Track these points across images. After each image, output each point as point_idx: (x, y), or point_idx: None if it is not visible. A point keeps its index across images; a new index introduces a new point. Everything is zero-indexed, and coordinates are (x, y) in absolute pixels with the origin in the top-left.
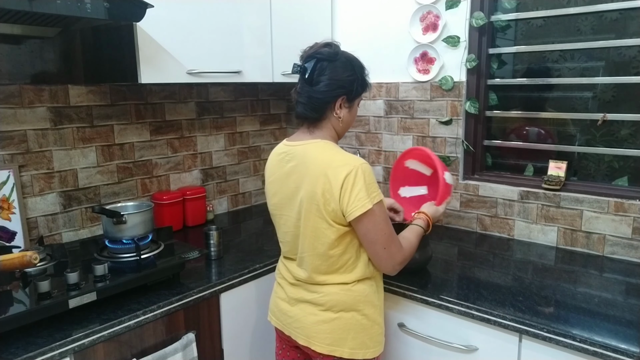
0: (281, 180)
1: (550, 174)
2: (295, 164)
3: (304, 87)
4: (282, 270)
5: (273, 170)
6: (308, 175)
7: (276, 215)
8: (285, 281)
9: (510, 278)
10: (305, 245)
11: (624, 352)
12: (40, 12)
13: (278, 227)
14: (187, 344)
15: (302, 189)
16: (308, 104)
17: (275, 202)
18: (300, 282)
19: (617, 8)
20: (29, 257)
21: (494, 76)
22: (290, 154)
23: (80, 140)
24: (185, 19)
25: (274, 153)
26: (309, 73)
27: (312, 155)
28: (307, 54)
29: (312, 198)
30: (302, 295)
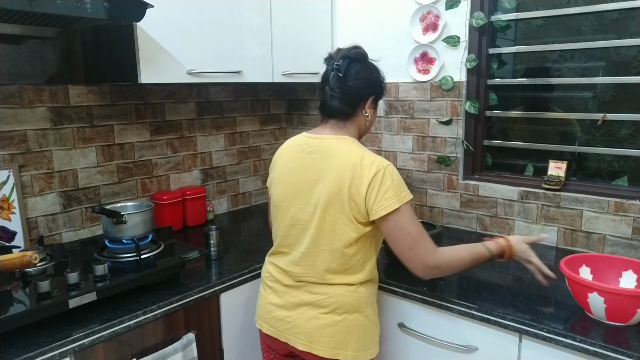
0: (298, 170)
1: (550, 174)
2: (318, 157)
3: (338, 83)
4: (272, 272)
5: (289, 160)
6: (333, 169)
7: (282, 207)
8: (278, 284)
9: (510, 278)
10: (320, 240)
11: (623, 352)
12: (40, 12)
13: (281, 218)
14: (187, 344)
15: (323, 182)
16: (344, 98)
17: (285, 192)
18: (299, 284)
19: (617, 8)
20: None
21: (494, 76)
22: (313, 145)
23: (80, 140)
24: (185, 19)
25: (292, 143)
26: (345, 70)
27: (339, 150)
28: (340, 54)
29: (336, 193)
30: (302, 298)
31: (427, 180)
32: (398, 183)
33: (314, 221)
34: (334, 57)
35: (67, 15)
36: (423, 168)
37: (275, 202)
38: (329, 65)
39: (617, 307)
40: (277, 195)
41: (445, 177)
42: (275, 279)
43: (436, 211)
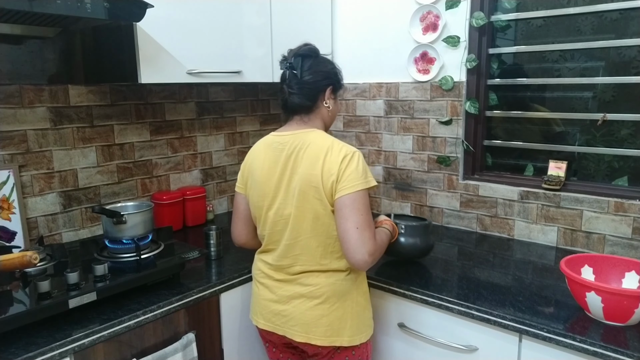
0: (275, 168)
1: (550, 174)
2: (292, 151)
3: (295, 80)
4: (263, 269)
5: (263, 161)
6: (306, 159)
7: (263, 207)
8: (270, 280)
9: (510, 278)
10: (303, 228)
11: (623, 352)
12: (40, 12)
13: (265, 219)
14: (187, 344)
15: (298, 173)
16: (301, 93)
17: (264, 192)
18: (291, 277)
19: (617, 8)
20: (29, 257)
21: (494, 76)
22: (284, 142)
23: (80, 140)
24: (185, 19)
25: (262, 144)
26: (300, 66)
27: (311, 140)
28: (292, 53)
29: (310, 180)
30: (295, 290)
31: (427, 180)
32: (364, 168)
33: (292, 213)
34: (288, 57)
35: (67, 15)
36: (423, 168)
37: (256, 203)
38: (283, 65)
39: (615, 307)
40: (257, 197)
41: (445, 177)
42: (266, 274)
43: (436, 211)
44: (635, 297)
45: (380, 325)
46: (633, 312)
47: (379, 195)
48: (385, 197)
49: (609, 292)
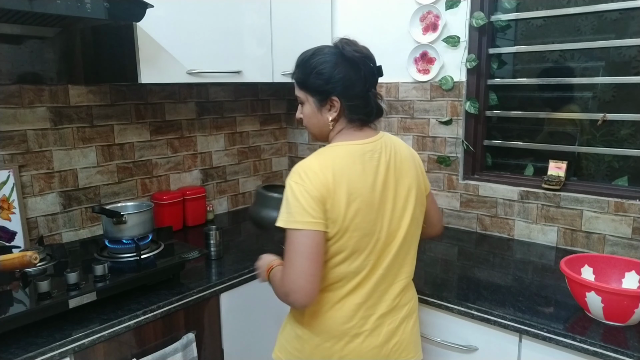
0: (376, 183)
1: (550, 174)
2: (388, 158)
3: (375, 84)
4: (358, 314)
5: (364, 177)
6: (405, 162)
7: (374, 233)
8: (371, 321)
9: (510, 278)
10: (414, 238)
11: (623, 352)
12: (40, 12)
13: (374, 247)
14: (187, 344)
15: (404, 178)
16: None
17: (378, 213)
18: (393, 303)
19: (617, 8)
20: (29, 257)
21: (494, 76)
22: (377, 150)
23: (80, 140)
24: (185, 19)
25: (349, 155)
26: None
27: (396, 142)
28: (369, 53)
29: (418, 183)
30: (399, 315)
31: None
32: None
33: (400, 226)
34: (372, 58)
35: (67, 15)
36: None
37: (366, 230)
38: (373, 66)
39: (615, 307)
40: (368, 223)
41: (445, 177)
42: (369, 317)
43: None
44: (635, 297)
45: None
46: (633, 312)
47: None
48: None
49: (609, 292)
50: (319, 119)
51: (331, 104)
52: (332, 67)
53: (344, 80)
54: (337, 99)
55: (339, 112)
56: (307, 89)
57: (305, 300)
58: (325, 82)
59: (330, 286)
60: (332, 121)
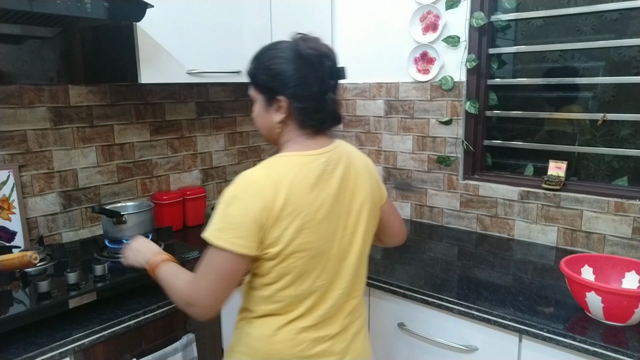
0: (328, 198)
1: (550, 174)
2: (342, 170)
3: (336, 87)
4: (310, 336)
5: (308, 194)
6: (360, 175)
7: (318, 254)
8: (323, 343)
9: (510, 278)
10: (365, 253)
11: (623, 352)
12: (40, 12)
13: (324, 267)
14: (187, 344)
15: (358, 192)
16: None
17: (322, 235)
18: (347, 320)
19: (617, 8)
20: (29, 257)
21: (494, 76)
22: (332, 161)
23: (80, 140)
24: (185, 19)
25: (298, 167)
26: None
27: (351, 152)
28: (331, 50)
29: (373, 195)
30: (351, 331)
31: (427, 180)
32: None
33: (361, 237)
34: (333, 56)
35: (67, 15)
36: (423, 168)
37: (318, 249)
38: (332, 66)
39: (615, 307)
40: (319, 242)
41: (445, 177)
42: (318, 340)
43: (436, 211)
44: (635, 297)
45: (380, 325)
46: (633, 312)
47: None
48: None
49: (609, 292)
50: (266, 119)
51: (279, 104)
52: (283, 63)
53: (294, 78)
54: (285, 99)
55: (287, 114)
56: (256, 85)
57: (206, 317)
58: (272, 78)
59: (278, 310)
60: (279, 123)
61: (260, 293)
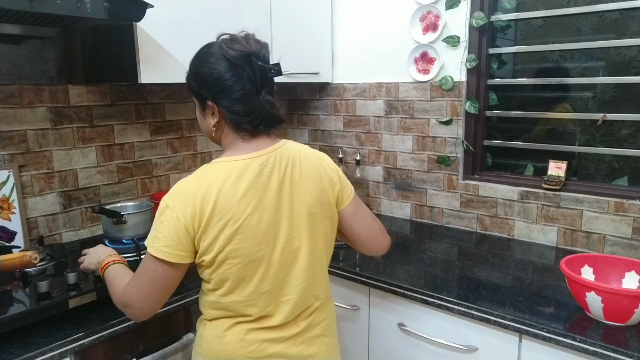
0: (263, 203)
1: (550, 174)
2: (282, 172)
3: (273, 86)
4: (264, 337)
5: (246, 197)
6: (306, 175)
7: (264, 257)
8: (279, 344)
9: (510, 278)
10: (317, 257)
11: (623, 352)
12: (40, 12)
13: (265, 272)
14: (187, 344)
15: (304, 194)
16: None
17: (264, 237)
18: (307, 323)
19: (617, 8)
20: (29, 257)
21: (494, 76)
22: (269, 164)
23: (80, 140)
24: (185, 19)
25: (229, 173)
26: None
27: (299, 152)
28: (264, 47)
29: (320, 197)
30: (313, 333)
31: (427, 180)
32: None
33: (306, 242)
34: (265, 53)
35: (67, 15)
36: (423, 168)
37: (253, 256)
38: (272, 69)
39: (615, 307)
40: (252, 248)
41: (445, 177)
42: (271, 341)
43: (436, 211)
44: (635, 297)
45: (380, 325)
46: (633, 312)
47: (379, 195)
48: (385, 197)
49: (609, 292)
50: (204, 123)
51: (210, 109)
52: (209, 67)
53: (219, 82)
54: (213, 104)
55: (219, 117)
56: (189, 90)
57: (140, 318)
58: (199, 84)
59: (225, 314)
60: (214, 127)
61: (208, 298)
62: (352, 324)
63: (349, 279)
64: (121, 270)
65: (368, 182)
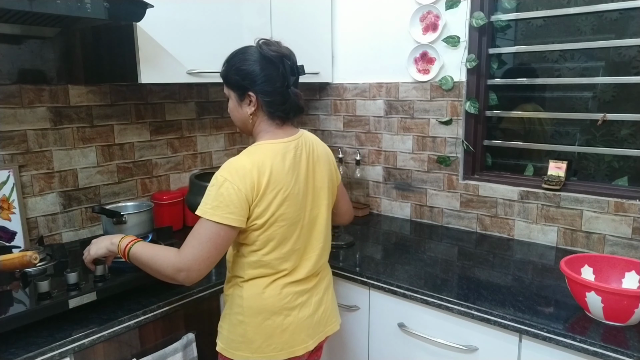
0: (299, 177)
1: (550, 174)
2: (307, 154)
3: (297, 82)
4: (293, 290)
5: (286, 174)
6: (322, 157)
7: (299, 221)
8: (303, 296)
9: (510, 278)
10: (328, 223)
11: (623, 352)
12: (40, 12)
13: (300, 233)
14: (187, 344)
15: (319, 171)
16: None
17: (302, 204)
18: (318, 277)
19: (617, 8)
20: (29, 257)
21: (494, 76)
22: (299, 147)
23: (80, 140)
24: (185, 19)
25: (275, 153)
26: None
27: (313, 140)
28: (290, 52)
29: (331, 176)
30: (323, 285)
31: (427, 180)
32: None
33: (324, 210)
34: (293, 57)
35: (67, 15)
36: (423, 168)
37: (292, 219)
38: (299, 69)
39: (615, 307)
40: (294, 213)
41: (445, 177)
42: (299, 294)
43: (436, 211)
44: (635, 297)
45: (380, 325)
46: (633, 312)
47: (379, 195)
48: (385, 197)
49: (609, 292)
50: (240, 112)
51: (249, 98)
52: (250, 64)
53: (260, 76)
54: (254, 94)
55: (256, 107)
56: (229, 84)
57: (196, 280)
58: (242, 78)
59: (264, 272)
60: (251, 115)
61: (248, 259)
62: (352, 324)
63: (349, 279)
64: (152, 245)
65: (368, 182)
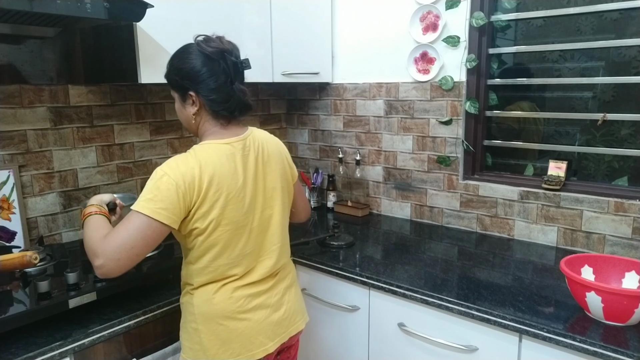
0: (247, 179)
1: (550, 174)
2: (256, 154)
3: (243, 78)
4: (245, 293)
5: (230, 176)
6: (273, 156)
7: (248, 224)
8: (258, 298)
9: (510, 278)
10: (284, 224)
11: (623, 352)
12: (40, 12)
13: (249, 236)
14: None
15: (272, 172)
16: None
17: (250, 206)
18: (277, 277)
19: (617, 8)
20: (29, 257)
21: (494, 76)
22: (247, 147)
23: (80, 140)
24: (185, 19)
25: (219, 154)
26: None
27: (264, 138)
28: (233, 47)
29: (285, 174)
30: (283, 285)
31: (427, 180)
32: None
33: (278, 210)
34: (236, 52)
35: (67, 15)
36: (423, 168)
37: (239, 222)
38: (244, 63)
39: (615, 307)
40: (240, 216)
41: (445, 177)
42: (252, 296)
43: (436, 211)
44: (635, 297)
45: (380, 325)
46: (633, 312)
47: (379, 195)
48: (385, 197)
49: (609, 292)
50: (184, 113)
51: (191, 98)
52: (189, 63)
53: (200, 75)
54: (194, 93)
55: (199, 106)
56: (170, 85)
57: (114, 273)
58: (181, 78)
59: (213, 278)
60: (194, 115)
61: (196, 266)
62: (352, 324)
63: (349, 279)
64: (102, 222)
65: (368, 182)
